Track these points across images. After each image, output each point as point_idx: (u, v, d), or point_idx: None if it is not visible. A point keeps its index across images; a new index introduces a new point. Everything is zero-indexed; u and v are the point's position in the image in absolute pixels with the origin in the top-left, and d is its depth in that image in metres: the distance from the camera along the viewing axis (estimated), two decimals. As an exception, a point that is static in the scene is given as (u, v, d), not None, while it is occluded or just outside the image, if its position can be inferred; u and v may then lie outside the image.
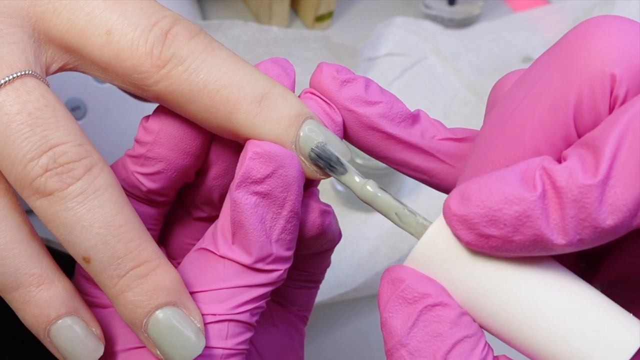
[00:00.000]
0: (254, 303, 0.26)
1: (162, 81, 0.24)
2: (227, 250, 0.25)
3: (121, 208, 0.24)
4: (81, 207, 0.23)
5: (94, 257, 0.23)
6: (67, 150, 0.23)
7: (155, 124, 0.26)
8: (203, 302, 0.25)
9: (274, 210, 0.25)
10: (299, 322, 0.34)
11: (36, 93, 0.23)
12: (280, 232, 0.25)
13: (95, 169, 0.24)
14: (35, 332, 0.25)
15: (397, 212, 0.25)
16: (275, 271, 0.26)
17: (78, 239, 0.23)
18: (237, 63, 0.25)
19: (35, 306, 0.24)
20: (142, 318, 0.24)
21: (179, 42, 0.24)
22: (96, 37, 0.24)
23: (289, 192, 0.25)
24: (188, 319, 0.24)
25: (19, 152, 0.23)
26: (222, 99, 0.24)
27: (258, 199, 0.25)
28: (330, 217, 0.28)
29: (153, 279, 0.24)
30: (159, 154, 0.26)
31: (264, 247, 0.25)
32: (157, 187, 0.27)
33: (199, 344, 0.24)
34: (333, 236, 0.30)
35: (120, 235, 0.23)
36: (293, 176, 0.25)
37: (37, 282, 0.24)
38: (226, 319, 0.25)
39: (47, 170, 0.23)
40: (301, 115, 0.25)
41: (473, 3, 0.72)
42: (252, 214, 0.25)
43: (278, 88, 0.25)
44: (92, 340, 0.25)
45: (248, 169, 0.24)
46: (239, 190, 0.25)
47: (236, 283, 0.25)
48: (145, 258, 0.24)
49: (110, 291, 0.24)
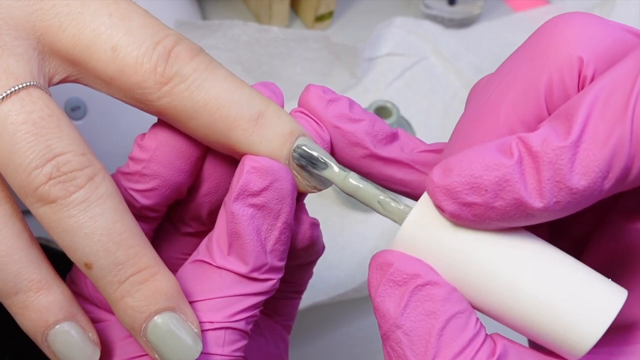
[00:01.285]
0: (249, 311, 0.27)
1: (164, 97, 0.25)
2: (223, 261, 0.27)
3: (122, 216, 0.25)
4: (83, 214, 0.24)
5: (96, 263, 0.24)
6: (70, 159, 0.24)
7: (152, 142, 0.27)
8: (201, 311, 0.26)
9: (269, 221, 0.26)
10: (283, 331, 0.36)
11: (40, 103, 0.24)
12: (275, 243, 0.27)
13: (97, 177, 0.24)
14: (33, 336, 0.26)
15: (379, 201, 0.26)
16: (270, 280, 0.27)
17: (80, 246, 0.24)
18: (236, 82, 0.26)
19: (34, 311, 0.25)
20: (141, 323, 0.25)
21: (182, 61, 0.25)
22: (101, 53, 0.25)
23: (284, 204, 0.26)
24: (185, 323, 0.25)
25: (23, 160, 0.23)
26: (221, 116, 0.26)
27: (254, 211, 0.26)
28: (318, 229, 0.30)
29: (152, 285, 0.25)
30: (155, 171, 0.27)
31: (259, 257, 0.26)
32: (150, 203, 0.28)
33: (196, 348, 0.25)
34: (319, 248, 0.32)
35: (121, 242, 0.24)
36: (287, 189, 0.26)
37: (36, 288, 0.25)
38: (223, 327, 0.26)
39: (50, 179, 0.23)
40: (294, 132, 0.26)
41: (473, 3, 0.72)
42: (249, 225, 0.26)
43: (273, 107, 0.27)
44: (89, 346, 0.26)
45: (246, 182, 0.25)
46: (236, 202, 0.26)
47: (233, 292, 0.26)
48: (144, 264, 0.25)
49: (110, 296, 0.25)
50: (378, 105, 0.57)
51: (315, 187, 0.27)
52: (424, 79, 0.68)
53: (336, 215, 0.60)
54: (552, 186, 0.21)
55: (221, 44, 0.65)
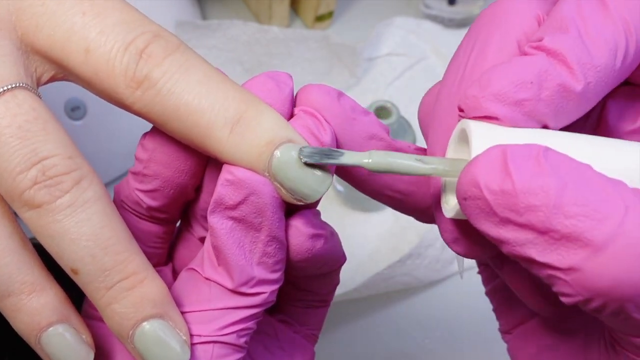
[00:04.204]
0: (240, 325, 0.26)
1: (137, 102, 0.24)
2: (212, 273, 0.26)
3: (109, 220, 0.24)
4: (69, 219, 0.23)
5: (82, 269, 0.24)
6: (56, 163, 0.23)
7: (150, 142, 0.26)
8: (189, 323, 0.26)
9: (252, 234, 0.25)
10: (307, 342, 0.34)
11: (26, 106, 0.23)
12: (261, 256, 0.25)
13: (84, 181, 0.24)
14: (26, 339, 0.25)
15: (417, 158, 0.23)
16: (260, 294, 0.26)
17: (66, 251, 0.23)
18: (211, 84, 0.24)
19: (26, 314, 0.25)
20: (129, 330, 0.24)
21: (153, 62, 0.24)
22: (76, 55, 0.24)
23: (264, 217, 0.25)
24: (174, 331, 0.25)
25: (8, 165, 0.23)
26: (193, 123, 0.24)
27: (234, 224, 0.25)
28: (323, 241, 0.27)
29: (139, 292, 0.24)
30: (155, 171, 0.27)
31: (244, 270, 0.25)
32: (156, 204, 0.27)
33: (183, 355, 0.25)
34: (332, 259, 0.29)
35: (107, 247, 0.24)
36: (265, 202, 0.24)
37: (29, 290, 0.25)
38: (211, 340, 0.25)
39: (35, 183, 0.23)
40: (274, 141, 0.24)
41: (473, 3, 0.72)
42: (229, 238, 0.25)
43: (252, 111, 0.24)
44: (82, 348, 0.25)
45: (220, 196, 0.24)
46: (213, 215, 0.25)
47: (221, 305, 0.26)
48: (132, 270, 0.24)
49: (97, 302, 0.24)
50: (378, 105, 0.56)
51: (300, 200, 0.25)
52: (424, 79, 0.68)
53: (336, 215, 0.60)
54: (580, 69, 0.22)
55: (221, 44, 0.65)
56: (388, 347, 0.55)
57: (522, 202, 0.20)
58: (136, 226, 0.28)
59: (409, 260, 0.54)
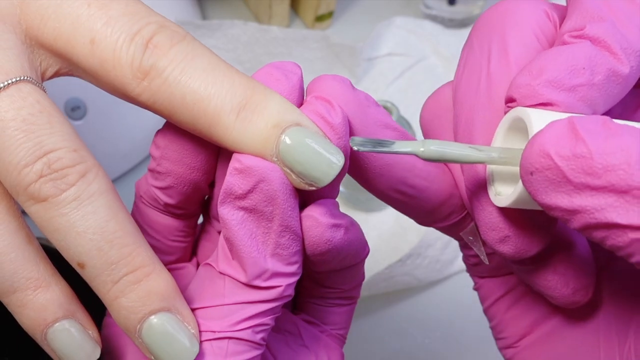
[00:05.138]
0: (255, 320, 0.25)
1: (143, 93, 0.24)
2: (225, 266, 0.25)
3: (115, 214, 0.24)
4: (75, 213, 0.23)
5: (88, 262, 0.23)
6: (61, 156, 0.23)
7: (162, 139, 0.26)
8: (203, 319, 0.25)
9: (264, 224, 0.24)
10: (333, 341, 0.32)
11: (31, 99, 0.23)
12: (275, 247, 0.24)
13: (90, 174, 0.24)
14: (32, 335, 0.25)
15: (471, 146, 0.23)
16: (275, 287, 0.25)
17: (72, 245, 0.23)
18: (217, 71, 0.24)
19: (32, 309, 0.25)
20: (136, 324, 0.24)
21: (159, 52, 0.24)
22: (82, 47, 0.24)
23: (275, 206, 0.24)
24: (182, 324, 0.24)
25: (13, 159, 0.23)
26: (200, 111, 0.24)
27: (245, 214, 0.24)
28: (342, 231, 0.26)
29: (146, 285, 0.24)
30: (167, 168, 0.26)
31: (257, 263, 0.24)
32: (171, 201, 0.27)
33: (192, 349, 0.24)
34: (353, 251, 0.28)
35: (113, 241, 0.23)
36: (275, 189, 0.24)
37: (34, 286, 0.24)
38: (225, 337, 0.25)
39: (41, 177, 0.23)
40: (280, 125, 0.23)
41: (473, 3, 0.72)
42: (240, 229, 0.24)
43: (258, 95, 0.24)
44: (89, 343, 0.25)
45: (229, 185, 0.24)
46: (223, 206, 0.24)
47: (235, 300, 0.25)
48: (139, 264, 0.24)
49: (104, 297, 0.24)
50: (378, 105, 0.56)
51: (312, 184, 0.24)
52: (424, 79, 0.68)
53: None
54: (623, 53, 0.23)
55: (221, 44, 0.65)
56: (388, 347, 0.55)
57: (599, 163, 0.19)
58: (156, 220, 0.28)
59: (409, 260, 0.54)
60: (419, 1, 0.74)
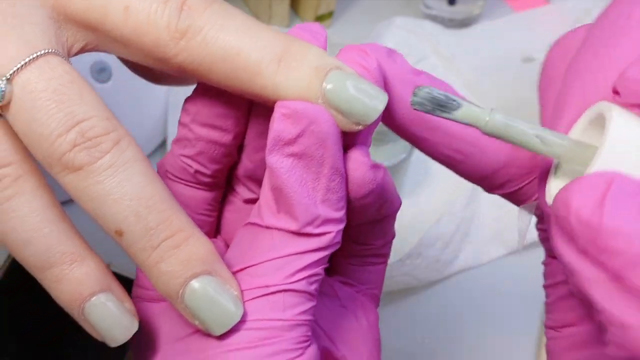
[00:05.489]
0: (309, 270, 0.25)
1: (181, 53, 0.24)
2: (272, 220, 0.25)
3: (151, 180, 0.24)
4: (111, 180, 0.23)
5: (126, 229, 0.23)
6: (94, 125, 0.23)
7: (192, 105, 0.26)
8: (255, 276, 0.25)
9: (314, 169, 0.24)
10: (368, 301, 0.33)
11: (60, 70, 0.23)
12: (325, 192, 0.24)
13: (123, 142, 0.24)
14: (69, 310, 0.25)
15: (537, 135, 0.21)
16: (327, 234, 0.25)
17: (109, 213, 0.23)
18: (253, 27, 0.25)
19: (69, 284, 0.24)
20: (178, 289, 0.24)
21: (194, 13, 0.24)
22: (115, 14, 0.24)
23: (326, 148, 0.24)
24: (225, 287, 0.24)
25: (46, 129, 0.23)
26: (241, 64, 0.24)
27: (294, 161, 0.24)
28: (383, 172, 0.26)
29: (187, 249, 0.24)
30: (198, 133, 0.27)
31: (309, 209, 0.24)
32: (202, 168, 0.27)
33: (237, 311, 0.24)
34: (390, 198, 0.28)
35: (151, 206, 0.23)
36: (326, 131, 0.24)
37: (70, 260, 0.24)
38: (281, 289, 0.24)
39: (75, 145, 0.23)
40: (322, 67, 0.24)
41: (473, 3, 0.72)
42: (290, 177, 0.24)
43: (297, 44, 0.24)
44: (126, 317, 0.25)
45: (277, 131, 0.24)
46: (272, 154, 0.24)
47: (286, 252, 0.25)
48: (177, 228, 0.24)
49: (144, 264, 0.24)
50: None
51: (359, 122, 0.24)
52: (424, 79, 0.68)
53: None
54: None
55: (221, 44, 0.65)
56: (388, 347, 0.55)
57: (604, 242, 0.18)
58: (184, 194, 0.28)
59: (408, 260, 0.54)
60: (419, 1, 0.74)
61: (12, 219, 0.24)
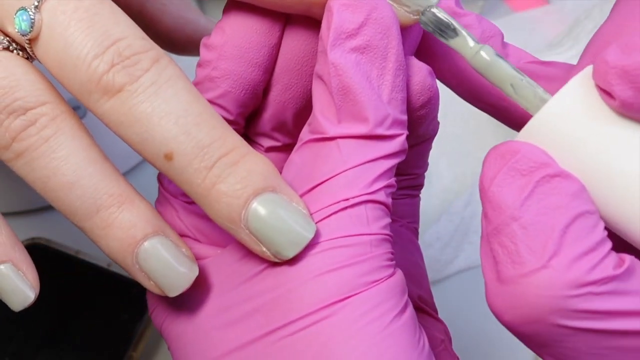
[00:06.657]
0: (384, 179, 0.23)
1: None
2: (337, 129, 0.23)
3: (197, 96, 0.22)
4: (155, 98, 0.21)
5: (177, 150, 0.21)
6: (131, 43, 0.22)
7: (219, 37, 0.25)
8: (329, 191, 0.22)
9: (378, 64, 0.22)
10: (412, 235, 0.31)
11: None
12: (391, 91, 0.23)
13: (163, 60, 0.22)
14: (121, 259, 0.23)
15: (512, 83, 0.22)
16: (397, 136, 0.23)
17: (157, 133, 0.21)
18: None
19: (120, 228, 0.22)
20: (240, 210, 0.21)
21: None
22: None
23: (390, 38, 0.22)
24: (291, 204, 0.22)
25: (80, 52, 0.21)
26: None
27: (358, 56, 0.22)
28: (435, 81, 0.25)
29: (245, 166, 0.22)
30: (225, 70, 0.25)
31: (379, 107, 0.22)
32: (225, 114, 0.25)
33: (309, 228, 0.22)
34: (436, 114, 0.27)
35: (201, 123, 0.21)
36: (389, 17, 0.22)
37: (119, 202, 0.22)
38: (362, 201, 0.22)
39: (113, 65, 0.21)
40: None
41: (473, 3, 0.72)
42: (357, 72, 0.22)
43: None
44: (185, 262, 0.23)
45: (339, 23, 0.22)
46: (334, 50, 0.22)
47: (359, 160, 0.22)
48: (232, 145, 0.22)
49: (198, 188, 0.22)
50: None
51: (417, 11, 0.23)
52: (423, 79, 0.68)
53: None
54: None
55: (221, 44, 0.65)
56: (388, 347, 0.55)
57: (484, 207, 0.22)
58: None
59: (408, 260, 0.54)
60: (419, 1, 0.74)
61: (52, 161, 0.22)
